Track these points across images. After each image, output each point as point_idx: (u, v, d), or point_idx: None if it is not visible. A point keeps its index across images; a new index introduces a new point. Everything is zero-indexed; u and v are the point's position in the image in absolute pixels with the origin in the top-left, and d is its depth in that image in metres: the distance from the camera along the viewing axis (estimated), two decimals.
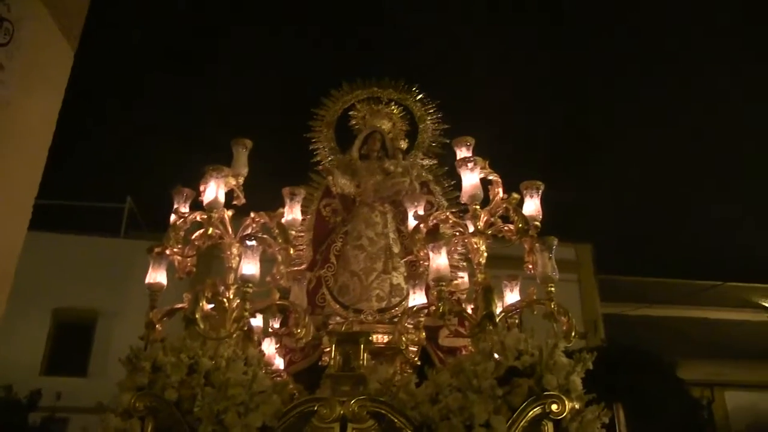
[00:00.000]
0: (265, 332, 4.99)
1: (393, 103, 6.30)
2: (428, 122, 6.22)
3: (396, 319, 4.89)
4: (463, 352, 4.91)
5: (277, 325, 5.07)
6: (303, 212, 5.65)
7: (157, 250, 4.25)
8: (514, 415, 3.49)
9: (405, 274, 5.44)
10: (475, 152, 4.80)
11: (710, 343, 13.28)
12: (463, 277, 5.31)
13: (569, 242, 12.91)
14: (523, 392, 3.55)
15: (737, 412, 13.08)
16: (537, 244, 4.19)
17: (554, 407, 3.49)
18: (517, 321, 4.51)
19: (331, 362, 4.04)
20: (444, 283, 4.02)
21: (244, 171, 4.76)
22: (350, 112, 6.32)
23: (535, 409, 3.51)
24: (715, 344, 13.29)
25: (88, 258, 12.56)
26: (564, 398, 3.50)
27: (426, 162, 6.12)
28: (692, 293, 13.98)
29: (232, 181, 4.60)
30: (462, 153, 4.69)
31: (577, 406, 3.54)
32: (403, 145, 6.17)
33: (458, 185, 5.59)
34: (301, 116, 6.32)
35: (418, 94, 6.28)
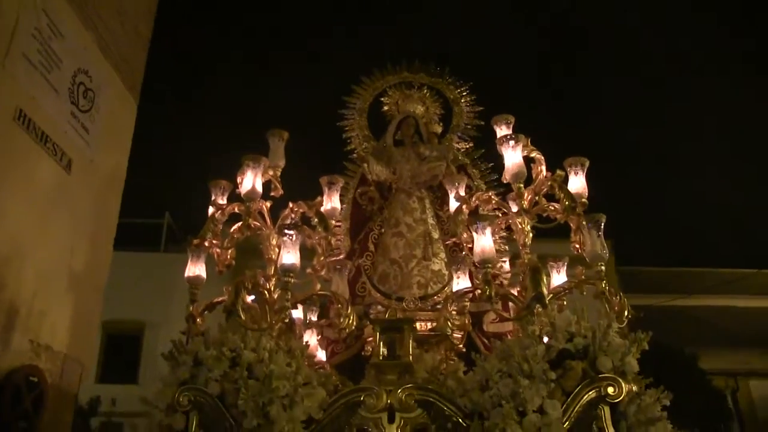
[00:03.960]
0: (306, 324, 4.92)
1: (425, 86, 6.18)
2: (462, 105, 6.09)
3: (438, 306, 4.77)
4: (509, 337, 4.78)
5: (315, 318, 5.01)
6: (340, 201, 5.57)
7: (195, 242, 4.19)
8: (569, 400, 3.34)
9: (445, 259, 5.32)
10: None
11: (735, 332, 12.89)
12: (505, 261, 5.17)
13: None
14: (576, 375, 3.40)
15: (763, 402, 12.75)
16: (584, 222, 4.02)
17: (610, 390, 3.33)
18: (564, 303, 4.37)
19: (375, 351, 3.94)
20: (489, 265, 3.88)
21: (282, 162, 4.67)
22: (382, 98, 6.21)
23: (590, 393, 3.35)
24: (740, 333, 12.89)
25: (132, 272, 12.98)
26: (620, 381, 3.34)
27: (462, 145, 6.00)
28: (722, 283, 13.55)
29: (270, 172, 4.51)
30: (502, 131, 4.53)
31: (634, 389, 3.39)
32: (438, 129, 6.05)
33: (496, 168, 5.47)
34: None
35: (450, 76, 6.15)
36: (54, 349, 4.83)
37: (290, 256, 3.92)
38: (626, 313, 3.92)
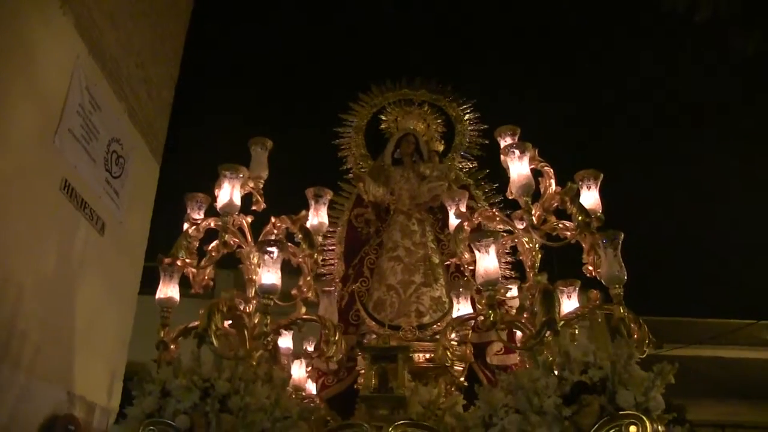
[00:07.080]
0: (294, 353, 4.52)
1: (426, 104, 5.85)
2: (465, 123, 5.77)
3: (438, 336, 4.35)
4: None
5: (311, 348, 4.61)
6: (333, 224, 5.20)
7: (166, 261, 3.78)
8: None
9: (446, 286, 4.91)
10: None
11: (723, 383, 12.58)
12: (512, 288, 4.75)
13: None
14: (593, 412, 2.98)
15: None
16: (600, 241, 3.61)
17: (633, 429, 2.92)
18: (577, 331, 3.97)
19: (366, 383, 3.52)
20: (493, 288, 3.46)
21: (264, 173, 4.30)
22: (380, 116, 5.90)
23: None
24: (728, 384, 12.57)
25: (137, 315, 12.93)
26: (644, 418, 2.92)
27: (465, 165, 5.64)
28: (711, 334, 13.25)
29: (251, 184, 4.12)
30: (507, 143, 4.15)
31: (660, 429, 2.96)
32: (439, 147, 5.74)
33: (501, 188, 5.08)
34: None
35: (453, 93, 5.82)
36: (87, 400, 5.34)
37: (270, 276, 3.50)
38: (647, 342, 3.49)
